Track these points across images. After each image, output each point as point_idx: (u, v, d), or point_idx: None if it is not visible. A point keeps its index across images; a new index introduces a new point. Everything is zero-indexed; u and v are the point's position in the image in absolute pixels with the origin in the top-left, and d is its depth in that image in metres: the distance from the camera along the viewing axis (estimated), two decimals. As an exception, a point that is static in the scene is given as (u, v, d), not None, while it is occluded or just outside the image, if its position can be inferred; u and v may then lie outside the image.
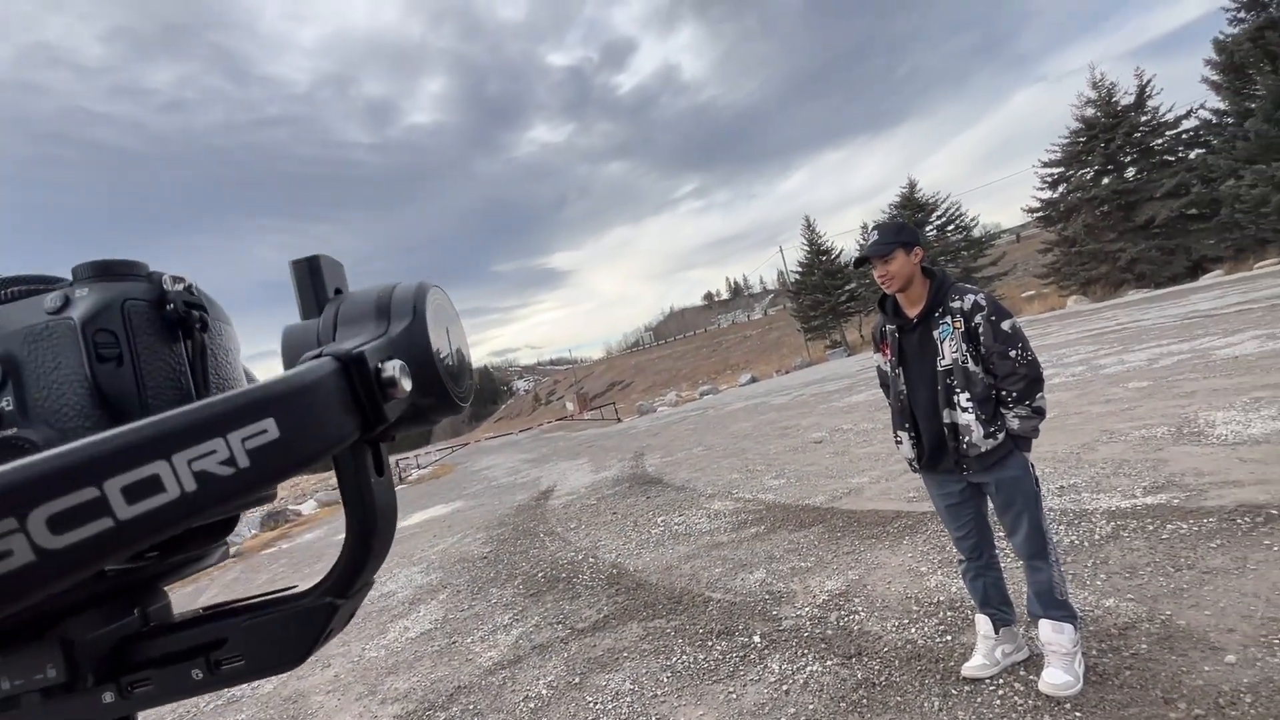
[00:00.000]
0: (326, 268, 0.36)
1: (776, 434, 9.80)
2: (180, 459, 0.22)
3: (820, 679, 2.67)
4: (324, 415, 0.27)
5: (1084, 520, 3.51)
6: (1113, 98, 23.73)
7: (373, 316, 0.33)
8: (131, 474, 0.21)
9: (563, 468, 12.89)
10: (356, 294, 0.35)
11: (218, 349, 0.37)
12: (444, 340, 0.35)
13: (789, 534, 4.68)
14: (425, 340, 0.32)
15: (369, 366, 0.29)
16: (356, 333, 0.32)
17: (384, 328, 0.32)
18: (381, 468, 0.33)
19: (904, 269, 2.20)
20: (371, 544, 0.32)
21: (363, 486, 0.32)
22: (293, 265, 0.36)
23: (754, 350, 64.79)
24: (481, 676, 3.58)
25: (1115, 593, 2.70)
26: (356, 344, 0.30)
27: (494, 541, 7.19)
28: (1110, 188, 23.45)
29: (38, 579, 0.19)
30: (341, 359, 0.29)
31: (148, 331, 0.33)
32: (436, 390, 0.33)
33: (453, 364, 0.35)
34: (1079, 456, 4.69)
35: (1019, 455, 2.17)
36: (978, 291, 2.19)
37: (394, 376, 0.29)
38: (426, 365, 0.32)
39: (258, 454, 0.24)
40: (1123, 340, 10.09)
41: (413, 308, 0.33)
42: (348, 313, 0.34)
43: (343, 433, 0.28)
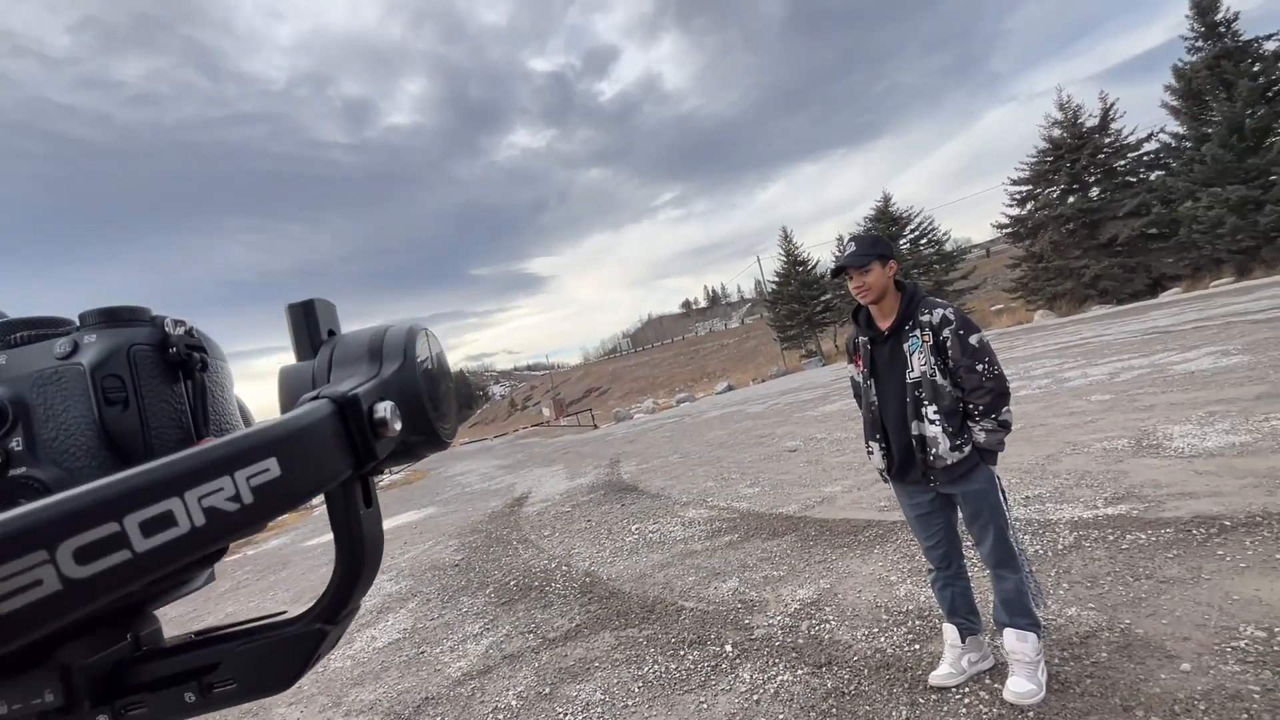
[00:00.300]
0: (320, 310, 0.38)
1: (752, 442, 9.86)
2: (191, 496, 0.24)
3: (791, 688, 2.67)
4: (320, 455, 0.29)
5: (1048, 530, 3.59)
6: (1078, 119, 24.56)
7: (365, 359, 0.35)
8: (148, 510, 0.23)
9: (538, 474, 12.79)
10: (350, 336, 0.37)
11: (215, 387, 0.39)
12: (432, 381, 0.36)
13: (762, 542, 4.70)
14: (414, 382, 0.35)
15: (362, 408, 0.31)
16: (350, 374, 0.34)
17: (376, 369, 0.34)
18: (370, 499, 0.35)
19: (879, 281, 2.23)
20: (359, 573, 0.34)
21: (351, 518, 0.33)
22: (288, 309, 0.38)
23: (731, 359, 65.23)
24: (450, 687, 3.51)
25: (1077, 601, 2.77)
26: (351, 386, 0.32)
27: (466, 549, 7.08)
28: (1075, 206, 24.22)
29: (63, 607, 0.21)
30: (337, 401, 0.31)
31: (152, 375, 0.35)
32: (424, 428, 0.35)
33: (440, 403, 0.37)
34: (1044, 467, 4.80)
35: (985, 469, 2.20)
36: (947, 306, 2.22)
37: (385, 418, 0.31)
38: (415, 405, 0.34)
39: (260, 491, 0.26)
40: (1086, 354, 10.39)
41: (403, 350, 0.35)
42: (342, 355, 0.36)
43: (337, 470, 0.30)
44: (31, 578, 0.20)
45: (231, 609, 7.12)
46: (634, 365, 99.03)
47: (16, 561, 0.20)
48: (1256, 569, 2.67)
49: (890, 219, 31.00)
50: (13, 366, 0.34)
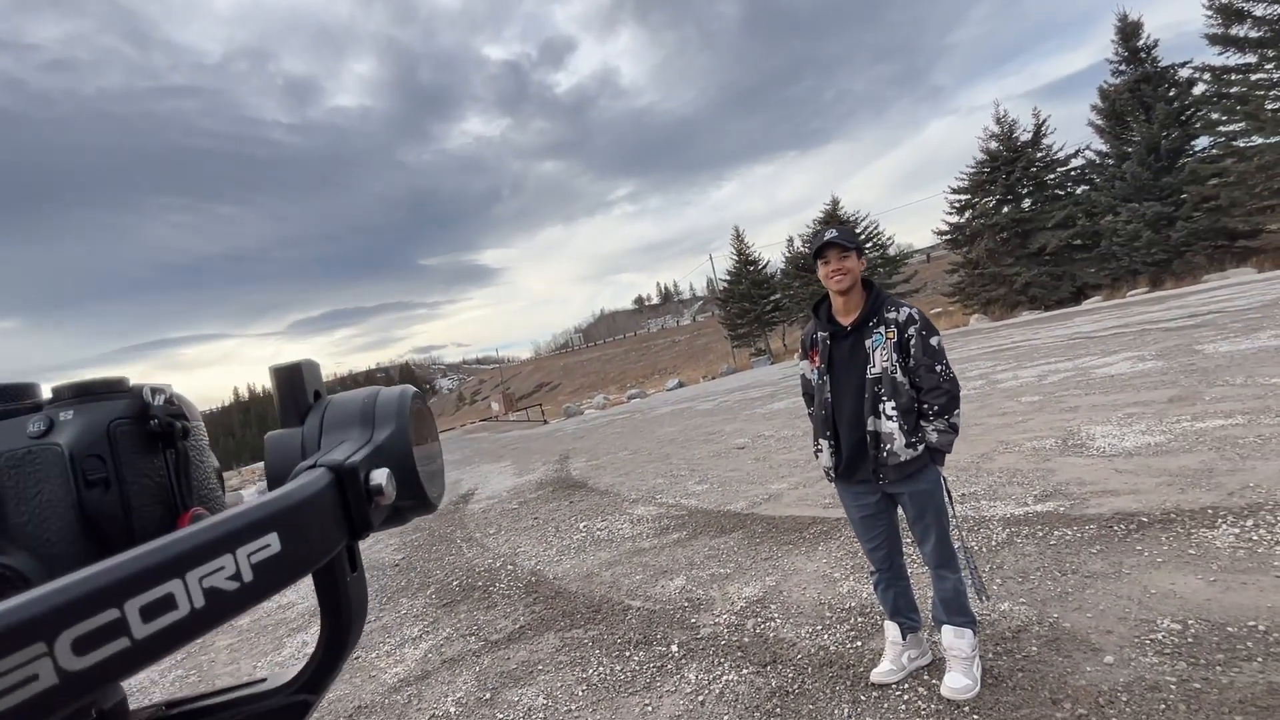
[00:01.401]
0: (307, 372, 0.37)
1: (701, 439, 9.92)
2: (193, 576, 0.23)
3: (736, 688, 2.66)
4: (319, 527, 0.28)
5: (982, 526, 3.72)
6: (1014, 134, 25.85)
7: (357, 423, 0.34)
8: (150, 594, 0.22)
9: (485, 470, 12.53)
10: (339, 400, 0.36)
11: (195, 453, 0.38)
12: (423, 445, 0.36)
13: (710, 540, 4.71)
14: (407, 447, 0.34)
15: (360, 477, 0.30)
16: (341, 439, 0.34)
17: (368, 435, 0.34)
18: (356, 563, 0.33)
19: (857, 270, 2.24)
20: (345, 639, 0.32)
21: (339, 586, 0.32)
22: (273, 371, 0.37)
23: (682, 355, 65.82)
24: (385, 695, 3.36)
25: (1009, 596, 2.86)
26: (346, 454, 0.31)
27: (407, 548, 6.85)
28: (1009, 216, 25.52)
29: (57, 702, 0.19)
30: (335, 470, 0.30)
31: (132, 450, 0.34)
32: (416, 494, 0.34)
33: (430, 468, 0.36)
34: (979, 465, 4.99)
35: (933, 469, 2.24)
36: (912, 306, 2.25)
37: (381, 485, 0.31)
38: (408, 471, 0.33)
39: (261, 568, 0.25)
40: (1017, 357, 10.92)
41: (395, 415, 0.34)
42: (333, 419, 0.35)
43: (334, 540, 0.29)
44: (28, 673, 0.19)
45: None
46: (586, 360, 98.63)
47: (13, 656, 0.19)
48: (1171, 563, 2.83)
49: (839, 222, 31.87)
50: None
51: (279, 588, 0.26)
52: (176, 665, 4.72)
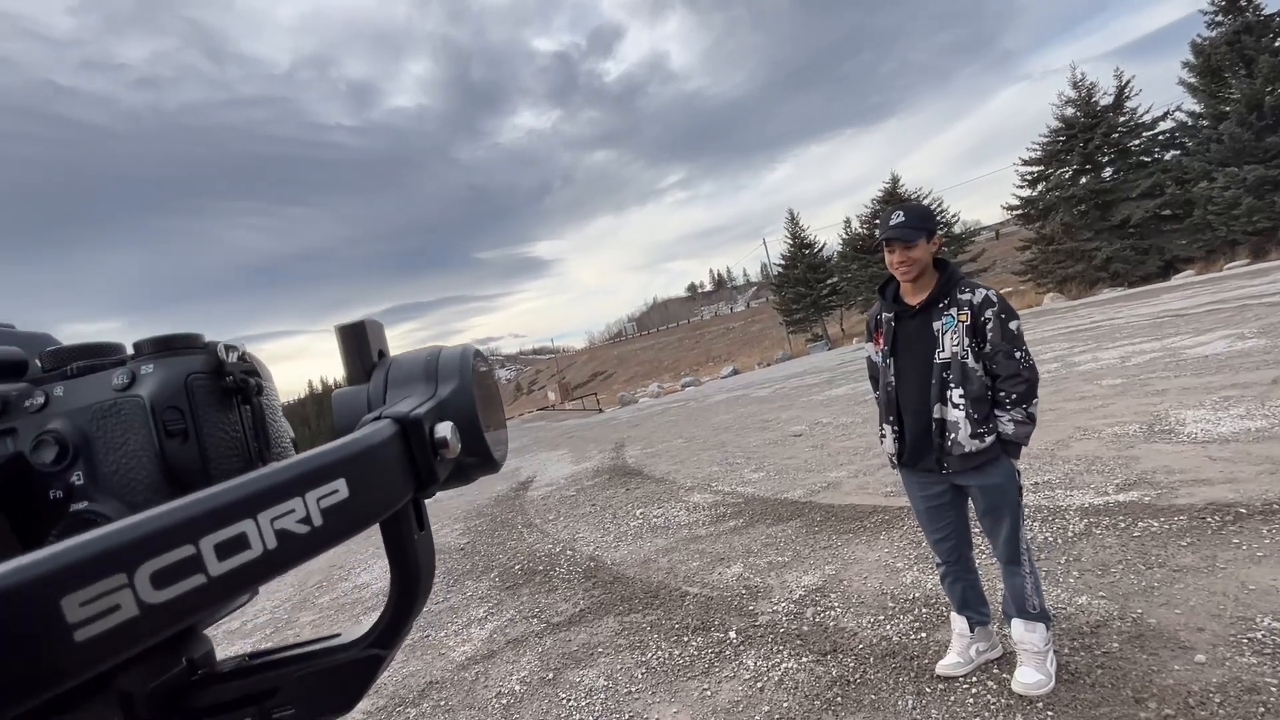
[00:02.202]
0: (371, 331, 0.37)
1: (757, 427, 9.82)
2: (265, 518, 0.23)
3: (795, 676, 2.65)
4: (386, 476, 0.29)
5: (1057, 517, 3.54)
6: (1092, 98, 24.05)
7: (421, 379, 0.35)
8: (223, 532, 0.22)
9: (543, 458, 12.82)
10: (403, 358, 0.36)
11: (269, 412, 0.39)
12: (486, 402, 0.36)
13: (767, 528, 4.67)
14: (471, 403, 0.34)
15: (424, 429, 0.31)
16: (406, 394, 0.34)
17: (432, 390, 0.34)
18: (423, 523, 0.34)
19: (924, 256, 2.12)
20: (415, 598, 0.33)
21: (406, 543, 0.32)
22: (338, 330, 0.37)
23: (736, 342, 65.09)
24: (454, 672, 3.52)
25: (1087, 590, 2.72)
26: (411, 407, 0.31)
27: (471, 533, 7.11)
28: (1088, 187, 23.82)
29: (140, 633, 0.20)
30: (400, 421, 0.30)
31: (209, 404, 0.35)
32: (480, 450, 0.34)
33: (493, 424, 0.36)
34: (1053, 453, 4.74)
35: (1006, 462, 2.11)
36: (989, 288, 2.11)
37: (446, 438, 0.31)
38: (472, 426, 0.34)
39: (330, 513, 0.25)
40: (1096, 338, 10.25)
41: (459, 371, 0.35)
42: (397, 376, 0.35)
43: (401, 492, 0.30)
44: (110, 603, 0.19)
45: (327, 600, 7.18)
46: (639, 349, 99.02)
47: (95, 585, 0.19)
48: (1274, 558, 2.62)
49: (899, 200, 30.64)
50: (70, 399, 0.33)
51: (347, 535, 0.26)
52: (264, 641, 5.07)
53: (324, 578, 6.68)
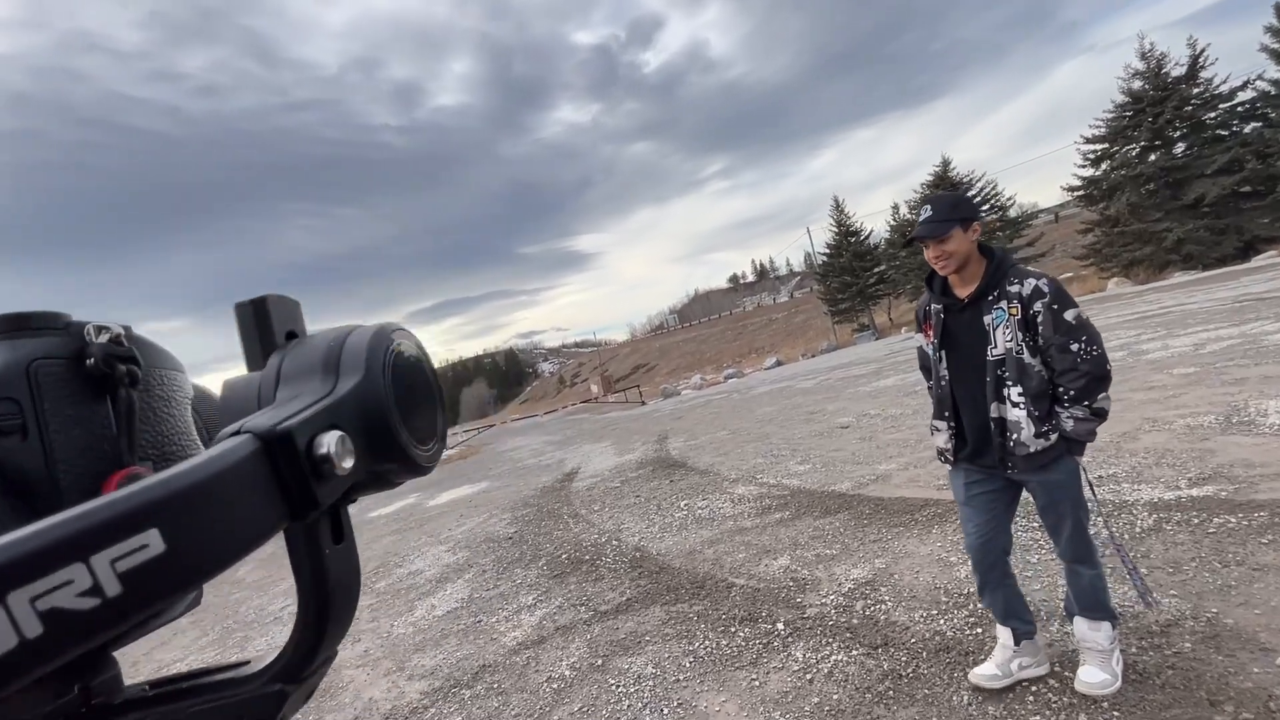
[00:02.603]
0: (275, 309, 0.32)
1: (802, 418, 9.69)
2: (18, 598, 0.17)
3: (845, 668, 2.63)
4: (232, 512, 0.22)
5: (1124, 512, 3.38)
6: (1163, 69, 22.64)
7: (319, 372, 0.29)
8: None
9: (586, 450, 12.97)
10: (305, 343, 0.31)
11: (156, 405, 0.33)
12: (407, 395, 0.30)
13: (814, 520, 4.62)
14: (379, 399, 0.28)
15: (297, 444, 0.25)
16: (299, 390, 0.28)
17: (330, 385, 0.28)
18: (341, 534, 0.29)
19: (961, 248, 2.00)
20: (326, 622, 0.29)
21: (314, 560, 0.28)
22: (236, 309, 0.32)
23: (780, 333, 64.20)
24: (506, 656, 3.62)
25: (1157, 588, 2.60)
26: (287, 414, 0.26)
27: (518, 522, 7.27)
28: (1157, 164, 22.47)
29: None
30: (264, 437, 0.24)
31: (61, 395, 0.29)
32: (396, 454, 0.29)
33: (417, 422, 0.31)
34: (1119, 445, 4.52)
35: (1069, 460, 1.99)
36: (1040, 276, 1.98)
37: (329, 454, 0.25)
38: (381, 428, 0.28)
39: (134, 576, 0.19)
40: (1167, 324, 9.69)
41: (365, 361, 0.29)
42: (292, 367, 0.30)
43: (261, 527, 0.24)
44: None
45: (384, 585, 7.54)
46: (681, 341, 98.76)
47: None
48: (1367, 557, 2.44)
49: (949, 185, 29.55)
50: None
51: (176, 593, 0.20)
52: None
53: (380, 564, 6.96)
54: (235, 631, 5.83)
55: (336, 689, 3.83)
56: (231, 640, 5.56)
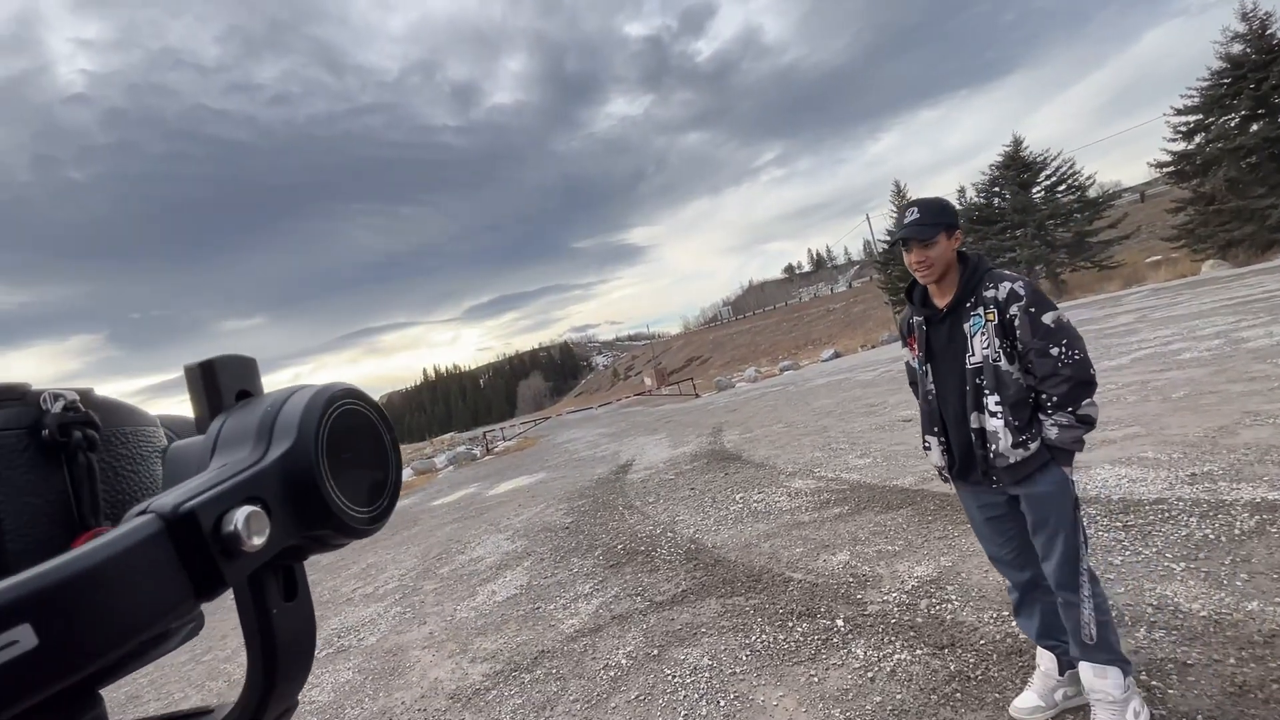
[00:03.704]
0: (223, 371, 0.32)
1: (862, 411, 9.42)
2: None
3: (909, 668, 2.55)
4: (124, 597, 0.22)
5: (1221, 512, 3.13)
6: (1267, 30, 20.59)
7: (252, 439, 0.29)
8: None
9: (640, 442, 13.04)
10: (249, 406, 0.31)
11: (118, 464, 0.33)
12: (347, 459, 0.30)
13: (875, 515, 4.49)
14: (308, 466, 0.28)
15: (201, 523, 0.24)
16: (229, 459, 0.29)
17: (260, 453, 0.28)
18: (293, 591, 0.30)
19: (945, 255, 1.93)
20: (274, 677, 0.29)
21: (261, 618, 0.28)
22: (186, 371, 0.32)
23: (837, 324, 62.57)
24: (564, 643, 3.70)
25: (1260, 595, 2.39)
26: (196, 489, 0.25)
27: (575, 512, 7.39)
28: (1260, 135, 20.51)
29: None
30: (166, 517, 0.24)
31: (14, 466, 0.29)
32: (329, 521, 0.29)
33: (359, 486, 0.31)
34: (1215, 440, 4.18)
35: (1055, 469, 1.86)
36: (1015, 279, 1.89)
37: (237, 532, 0.25)
38: (311, 495, 0.28)
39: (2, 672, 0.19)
40: (1271, 310, 8.87)
41: (298, 427, 0.29)
42: (229, 432, 0.30)
43: (161, 608, 0.23)
44: None
45: (372, 559, 7.93)
46: (735, 333, 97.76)
47: None
48: None
49: (1021, 165, 27.94)
50: None
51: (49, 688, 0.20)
52: (395, 605, 5.57)
53: (443, 550, 7.23)
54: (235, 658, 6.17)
55: (405, 668, 4.01)
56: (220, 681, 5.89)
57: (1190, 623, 2.34)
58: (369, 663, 4.29)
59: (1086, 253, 26.45)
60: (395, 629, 4.87)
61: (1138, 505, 3.47)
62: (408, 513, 11.70)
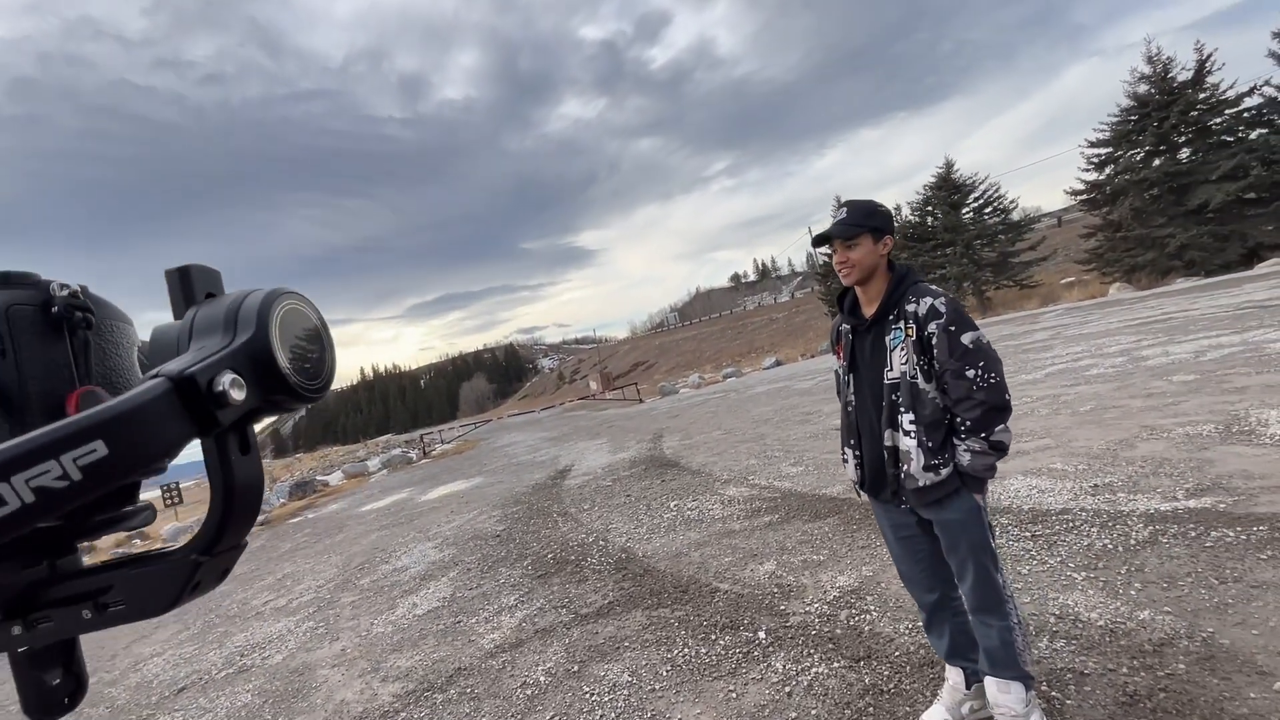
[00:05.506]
0: (197, 276, 0.41)
1: (797, 419, 9.60)
2: (19, 479, 0.28)
3: (825, 682, 2.54)
4: (153, 431, 0.32)
5: (1119, 523, 3.29)
6: (1169, 73, 22.44)
7: (220, 328, 0.37)
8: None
9: (581, 447, 12.88)
10: (213, 304, 0.39)
11: (106, 344, 0.43)
12: (294, 344, 0.39)
13: (803, 524, 4.53)
14: (267, 350, 0.36)
15: (199, 384, 0.33)
16: (205, 342, 0.37)
17: (229, 338, 0.36)
18: (248, 446, 0.38)
19: (867, 259, 1.89)
20: (231, 511, 0.37)
21: (224, 465, 0.36)
22: (166, 275, 0.41)
23: (780, 333, 64.10)
24: (482, 659, 3.53)
25: (1151, 604, 2.51)
26: (191, 361, 0.34)
27: (508, 520, 7.19)
28: (1161, 169, 22.30)
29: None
30: (174, 379, 0.33)
31: (30, 330, 0.39)
32: (284, 389, 0.37)
33: (305, 364, 0.39)
34: (1115, 453, 4.43)
35: (966, 496, 1.82)
36: (939, 295, 1.84)
37: (224, 391, 0.34)
38: (270, 371, 0.36)
39: (90, 469, 0.29)
40: (1168, 331, 9.59)
41: (256, 320, 0.37)
42: (202, 322, 0.38)
43: (175, 439, 0.33)
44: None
45: (290, 568, 7.47)
46: (681, 340, 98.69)
47: None
48: (1370, 577, 2.35)
49: (953, 186, 29.39)
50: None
51: (116, 480, 0.30)
52: (307, 619, 5.24)
53: (366, 559, 6.88)
54: (216, 626, 5.74)
55: (310, 689, 3.75)
56: (211, 636, 5.48)
57: (1088, 632, 2.42)
58: (271, 684, 3.99)
59: (1009, 272, 28.03)
60: (304, 646, 4.56)
61: (1045, 515, 3.62)
62: (333, 518, 11.13)
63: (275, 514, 13.82)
